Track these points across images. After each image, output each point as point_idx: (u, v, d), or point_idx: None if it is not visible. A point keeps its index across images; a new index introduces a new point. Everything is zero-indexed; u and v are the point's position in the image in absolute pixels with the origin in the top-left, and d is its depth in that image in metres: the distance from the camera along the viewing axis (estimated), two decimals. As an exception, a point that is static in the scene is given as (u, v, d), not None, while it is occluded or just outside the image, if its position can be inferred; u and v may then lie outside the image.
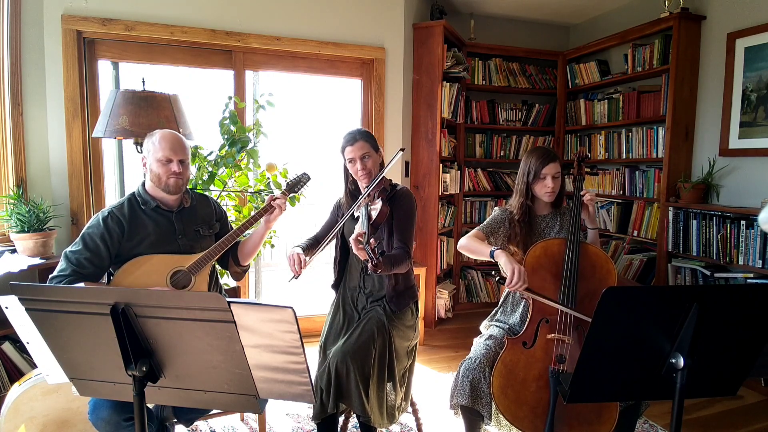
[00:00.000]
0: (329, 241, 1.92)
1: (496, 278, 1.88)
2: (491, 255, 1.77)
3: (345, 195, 2.03)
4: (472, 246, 1.87)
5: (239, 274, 2.01)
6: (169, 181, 1.72)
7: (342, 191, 2.09)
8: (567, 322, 1.71)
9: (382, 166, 1.97)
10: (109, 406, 1.48)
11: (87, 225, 1.69)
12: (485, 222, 1.97)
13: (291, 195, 2.02)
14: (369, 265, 1.56)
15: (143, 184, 1.79)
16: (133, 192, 1.79)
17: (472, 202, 4.30)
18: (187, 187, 1.87)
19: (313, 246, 2.00)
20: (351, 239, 1.63)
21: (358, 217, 1.84)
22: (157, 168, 1.71)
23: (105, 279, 1.74)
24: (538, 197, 1.95)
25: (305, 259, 1.82)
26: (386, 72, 3.52)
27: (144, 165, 1.76)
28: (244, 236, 1.97)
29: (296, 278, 1.81)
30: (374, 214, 1.74)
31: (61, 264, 1.63)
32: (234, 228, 1.86)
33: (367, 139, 1.91)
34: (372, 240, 1.58)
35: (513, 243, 1.95)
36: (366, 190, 1.87)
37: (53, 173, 2.84)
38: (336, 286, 2.07)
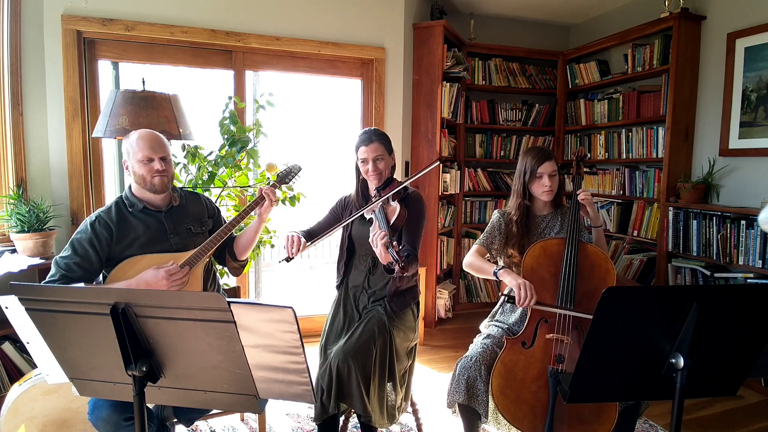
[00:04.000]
0: (332, 232, 1.92)
1: (505, 298, 1.86)
2: (495, 275, 1.80)
3: (356, 193, 2.04)
4: (475, 265, 1.90)
5: (237, 269, 2.00)
6: (154, 180, 1.71)
7: (347, 190, 2.10)
8: (566, 321, 1.71)
9: (393, 168, 2.00)
10: (109, 406, 1.48)
11: (76, 230, 1.69)
12: (483, 233, 1.98)
13: (283, 185, 2.01)
14: (396, 267, 1.58)
15: (130, 187, 1.78)
16: (120, 195, 1.78)
17: (472, 202, 4.30)
18: (177, 185, 1.86)
19: (311, 236, 1.99)
20: (375, 239, 1.64)
21: (370, 219, 1.84)
22: (139, 169, 1.70)
23: (100, 280, 1.75)
24: (537, 197, 1.95)
25: (304, 242, 1.80)
26: (386, 72, 3.52)
27: (126, 168, 1.75)
28: (240, 231, 1.96)
29: (288, 260, 1.79)
30: (392, 218, 1.76)
31: (52, 270, 1.63)
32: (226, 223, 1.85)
33: (381, 142, 1.92)
34: (395, 243, 1.60)
35: (509, 245, 1.94)
36: (377, 194, 1.88)
37: (53, 173, 2.84)
38: (339, 285, 2.07)
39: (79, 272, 1.63)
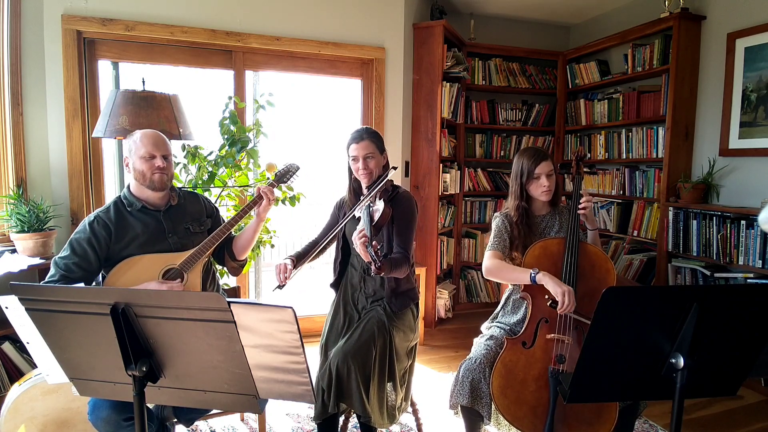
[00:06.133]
0: (321, 247, 1.94)
1: (548, 303, 1.74)
2: (533, 280, 1.72)
3: (348, 192, 2.04)
4: (503, 271, 1.82)
5: (236, 269, 2.01)
6: (154, 177, 1.72)
7: (345, 189, 2.09)
8: (566, 322, 1.71)
9: (386, 167, 1.98)
10: (109, 406, 1.48)
11: (75, 231, 1.69)
12: (492, 238, 1.94)
13: (281, 185, 2.01)
14: (372, 267, 1.58)
15: (128, 187, 1.79)
16: (119, 195, 1.79)
17: (472, 202, 4.30)
18: (176, 185, 1.87)
19: (308, 252, 2.00)
20: (355, 238, 1.65)
21: (360, 218, 1.85)
22: (140, 165, 1.71)
23: (100, 280, 1.75)
24: (535, 197, 1.95)
25: (291, 269, 1.84)
26: (386, 72, 3.52)
27: (126, 165, 1.76)
28: (239, 231, 1.96)
29: (281, 288, 1.82)
30: (376, 216, 1.74)
31: (51, 270, 1.63)
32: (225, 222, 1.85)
33: (372, 140, 1.91)
34: (374, 242, 1.59)
35: (512, 247, 1.94)
36: (368, 192, 1.87)
37: (53, 173, 2.84)
38: (336, 285, 2.08)
39: (78, 272, 1.63)
